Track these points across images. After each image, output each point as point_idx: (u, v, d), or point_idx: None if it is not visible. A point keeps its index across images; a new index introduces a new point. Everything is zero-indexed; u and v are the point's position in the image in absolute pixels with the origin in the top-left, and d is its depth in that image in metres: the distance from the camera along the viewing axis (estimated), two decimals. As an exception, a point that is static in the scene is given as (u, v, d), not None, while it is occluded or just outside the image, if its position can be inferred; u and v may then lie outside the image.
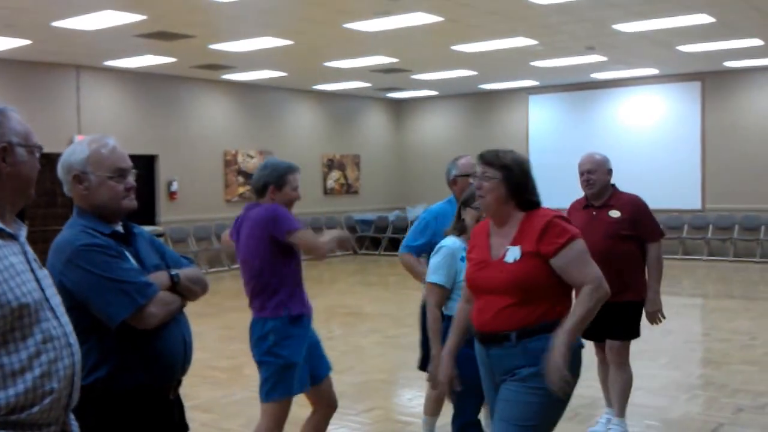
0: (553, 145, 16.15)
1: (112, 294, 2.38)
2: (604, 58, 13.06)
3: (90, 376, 2.36)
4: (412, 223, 16.72)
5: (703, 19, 9.88)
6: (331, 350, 3.22)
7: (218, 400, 5.66)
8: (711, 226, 15.01)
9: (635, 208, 4.74)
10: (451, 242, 3.70)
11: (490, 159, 3.04)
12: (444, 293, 3.64)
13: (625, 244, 4.66)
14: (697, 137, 15.14)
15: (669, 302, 10.55)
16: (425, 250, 4.35)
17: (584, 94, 16.38)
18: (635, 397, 5.73)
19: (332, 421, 4.06)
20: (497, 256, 3.01)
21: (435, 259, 3.69)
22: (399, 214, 17.58)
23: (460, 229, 3.73)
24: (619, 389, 4.80)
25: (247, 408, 3.90)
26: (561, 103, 16.79)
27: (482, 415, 3.85)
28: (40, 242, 7.99)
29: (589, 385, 5.31)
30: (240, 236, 3.89)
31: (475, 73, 14.54)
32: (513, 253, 2.95)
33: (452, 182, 4.51)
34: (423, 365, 4.30)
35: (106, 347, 2.42)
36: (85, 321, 2.32)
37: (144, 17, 9.21)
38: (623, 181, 4.81)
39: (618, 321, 4.67)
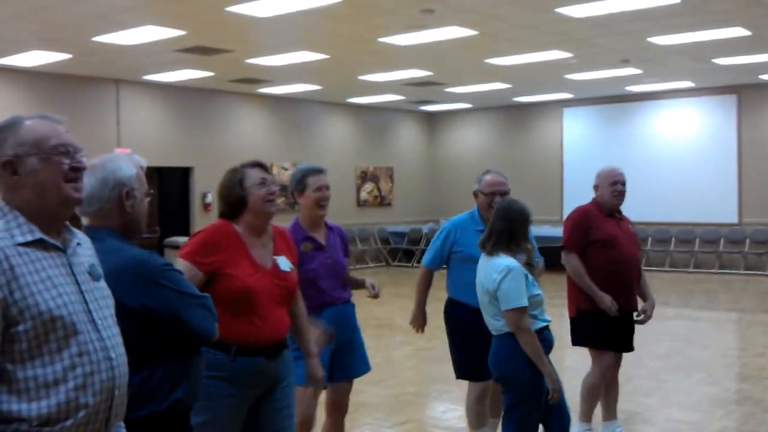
0: (588, 158, 15.99)
1: (199, 310, 2.40)
2: (639, 71, 13.00)
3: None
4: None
5: (739, 32, 9.81)
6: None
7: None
8: (748, 240, 14.81)
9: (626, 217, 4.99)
10: (510, 262, 3.61)
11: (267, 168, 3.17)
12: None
13: None
14: (733, 150, 14.98)
15: (706, 317, 10.56)
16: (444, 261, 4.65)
17: (619, 107, 16.29)
18: (671, 412, 5.70)
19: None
20: (268, 265, 3.02)
21: (511, 284, 3.54)
22: (432, 226, 17.58)
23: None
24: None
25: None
26: (596, 117, 16.70)
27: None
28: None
29: (627, 399, 5.34)
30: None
31: (509, 86, 14.54)
32: (285, 263, 3.07)
33: (474, 195, 4.49)
34: (462, 374, 4.42)
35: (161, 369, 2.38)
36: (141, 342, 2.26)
37: (183, 32, 9.39)
38: (660, 194, 4.79)
39: (633, 329, 4.85)
